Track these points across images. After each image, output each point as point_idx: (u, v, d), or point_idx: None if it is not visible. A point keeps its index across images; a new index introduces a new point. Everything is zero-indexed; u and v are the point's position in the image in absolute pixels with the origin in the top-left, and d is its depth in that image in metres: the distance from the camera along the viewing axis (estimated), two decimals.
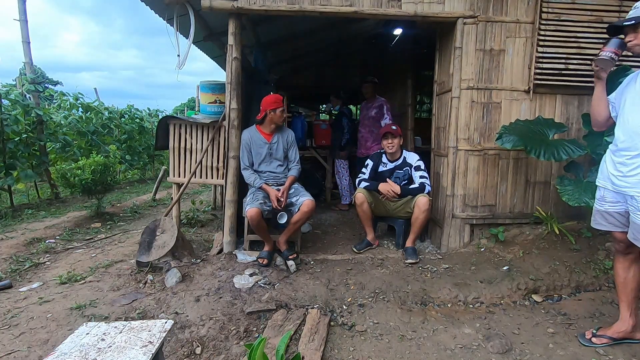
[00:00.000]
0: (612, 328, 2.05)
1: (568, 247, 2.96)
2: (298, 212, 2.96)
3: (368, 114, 4.62)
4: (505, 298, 2.58)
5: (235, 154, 3.18)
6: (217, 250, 3.23)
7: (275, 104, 3.12)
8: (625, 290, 2.00)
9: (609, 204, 1.97)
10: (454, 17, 3.08)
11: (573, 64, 3.09)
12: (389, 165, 3.41)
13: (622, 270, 2.02)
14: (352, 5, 3.03)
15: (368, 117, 4.59)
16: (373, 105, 4.57)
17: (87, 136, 6.99)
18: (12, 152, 4.93)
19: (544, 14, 3.04)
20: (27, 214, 4.80)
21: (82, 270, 2.97)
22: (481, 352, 2.02)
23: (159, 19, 3.64)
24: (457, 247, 3.28)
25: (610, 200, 1.96)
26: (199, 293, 2.51)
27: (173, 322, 1.64)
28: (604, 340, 2.04)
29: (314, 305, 2.44)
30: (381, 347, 2.05)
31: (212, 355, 1.98)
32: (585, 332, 2.13)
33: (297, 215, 2.97)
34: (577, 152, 2.71)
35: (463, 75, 3.13)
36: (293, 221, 3.01)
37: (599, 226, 2.06)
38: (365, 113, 4.65)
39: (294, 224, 3.01)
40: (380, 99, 4.59)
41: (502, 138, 2.89)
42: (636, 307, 2.02)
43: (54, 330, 2.13)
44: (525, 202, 3.29)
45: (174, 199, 3.50)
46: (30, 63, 5.37)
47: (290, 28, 4.73)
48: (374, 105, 4.57)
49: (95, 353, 1.35)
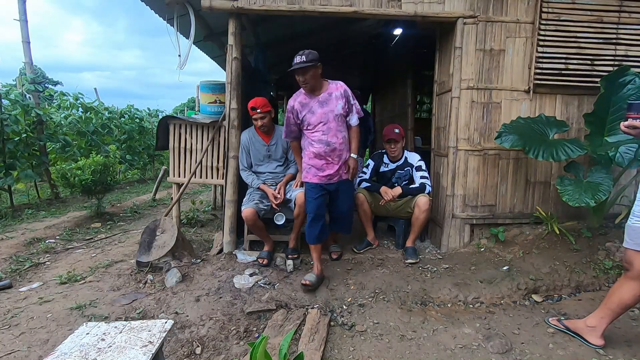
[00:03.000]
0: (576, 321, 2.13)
1: (568, 247, 2.96)
2: (295, 207, 2.95)
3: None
4: (505, 298, 2.58)
5: (235, 154, 3.18)
6: (217, 250, 3.23)
7: (251, 110, 3.00)
8: (611, 297, 1.96)
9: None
10: (454, 17, 3.08)
11: (573, 64, 3.09)
12: (390, 166, 3.41)
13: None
14: (352, 5, 3.03)
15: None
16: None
17: (87, 136, 7.00)
18: (12, 152, 4.93)
19: (544, 14, 3.04)
20: (27, 214, 4.80)
21: (82, 270, 2.97)
22: (481, 352, 2.02)
23: (161, 19, 3.64)
24: (457, 247, 3.28)
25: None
26: (199, 293, 2.51)
27: (173, 322, 1.64)
28: (560, 325, 2.18)
29: (314, 305, 2.44)
30: (381, 347, 2.05)
31: (212, 355, 1.98)
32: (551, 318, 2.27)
33: (295, 210, 2.95)
34: (576, 152, 2.71)
35: (463, 75, 3.13)
36: (294, 217, 3.00)
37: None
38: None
39: (295, 218, 3.00)
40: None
41: (501, 137, 2.89)
42: (608, 317, 1.98)
43: (54, 330, 2.13)
44: (525, 202, 3.29)
45: (174, 199, 3.50)
46: (30, 63, 5.37)
47: (290, 28, 4.73)
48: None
49: (95, 353, 1.35)
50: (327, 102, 2.67)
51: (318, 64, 2.57)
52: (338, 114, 2.67)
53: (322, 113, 2.66)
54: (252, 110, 2.99)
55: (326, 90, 2.70)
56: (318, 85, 2.67)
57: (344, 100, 2.69)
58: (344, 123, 2.76)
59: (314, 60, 2.53)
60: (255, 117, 3.01)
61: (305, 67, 2.53)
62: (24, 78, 5.38)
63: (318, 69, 2.60)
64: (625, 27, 3.07)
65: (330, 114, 2.66)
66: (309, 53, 2.53)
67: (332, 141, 2.67)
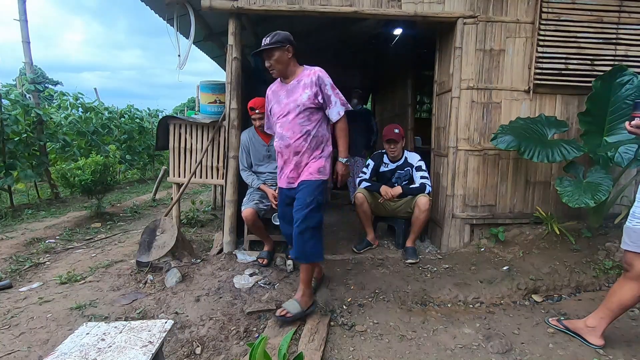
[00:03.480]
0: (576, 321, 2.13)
1: (568, 247, 2.96)
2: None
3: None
4: (505, 298, 2.58)
5: (235, 154, 3.18)
6: (217, 250, 3.23)
7: (250, 110, 2.99)
8: (611, 297, 1.96)
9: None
10: (454, 17, 3.08)
11: (573, 64, 3.09)
12: (390, 166, 3.41)
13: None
14: (352, 5, 3.03)
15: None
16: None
17: (87, 136, 6.99)
18: (12, 152, 4.93)
19: (544, 14, 3.04)
20: (27, 214, 4.80)
21: (82, 270, 2.97)
22: (481, 352, 2.02)
23: (161, 19, 3.64)
24: (457, 247, 3.28)
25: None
26: (199, 293, 2.51)
27: (173, 322, 1.64)
28: (560, 325, 2.18)
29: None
30: (381, 347, 2.05)
31: (212, 355, 1.98)
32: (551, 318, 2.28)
33: None
34: (572, 153, 2.71)
35: (463, 75, 3.13)
36: None
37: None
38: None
39: None
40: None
41: (497, 138, 2.90)
42: (608, 317, 1.98)
43: (54, 330, 2.13)
44: (525, 202, 3.29)
45: (174, 199, 3.50)
46: (30, 63, 5.37)
47: (290, 28, 4.71)
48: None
49: (95, 353, 1.35)
50: (293, 91, 2.30)
51: (286, 46, 2.24)
52: (300, 104, 2.25)
53: (286, 103, 2.31)
54: (252, 110, 2.98)
55: (297, 77, 2.33)
56: (289, 71, 2.32)
57: (315, 90, 2.25)
58: (315, 117, 2.29)
59: (280, 42, 2.21)
60: (255, 117, 3.00)
61: (269, 49, 2.23)
62: (24, 78, 5.38)
63: (286, 52, 2.26)
64: (625, 27, 3.07)
65: (292, 104, 2.28)
66: (275, 34, 2.24)
67: (287, 135, 2.29)
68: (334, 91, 2.30)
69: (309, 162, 2.30)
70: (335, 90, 2.31)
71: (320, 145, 2.33)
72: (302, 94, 2.26)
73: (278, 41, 2.22)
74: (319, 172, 2.28)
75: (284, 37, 2.24)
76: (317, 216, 2.21)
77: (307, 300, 2.26)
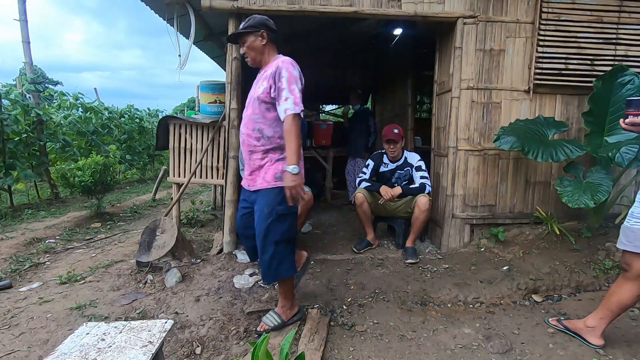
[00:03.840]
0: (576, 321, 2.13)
1: (568, 247, 2.96)
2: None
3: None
4: (505, 298, 2.58)
5: (235, 154, 3.18)
6: (217, 250, 3.23)
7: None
8: (610, 297, 1.96)
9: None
10: (454, 17, 3.08)
11: (573, 64, 3.09)
12: (390, 166, 3.42)
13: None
14: (352, 5, 3.03)
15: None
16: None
17: (86, 136, 7.00)
18: (12, 152, 4.93)
19: (544, 14, 3.04)
20: (27, 214, 4.80)
21: (82, 270, 2.97)
22: (481, 352, 2.02)
23: (161, 19, 3.64)
24: (457, 247, 3.28)
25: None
26: (199, 293, 2.52)
27: (173, 322, 1.64)
28: (559, 325, 2.18)
29: (314, 305, 2.44)
30: (381, 347, 2.05)
31: (212, 355, 1.98)
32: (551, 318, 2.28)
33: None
34: (575, 152, 2.71)
35: (463, 75, 3.13)
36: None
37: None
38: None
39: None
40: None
41: (500, 140, 2.89)
42: (607, 317, 1.98)
43: (54, 330, 2.13)
44: (525, 202, 3.29)
45: (174, 199, 3.50)
46: (30, 63, 5.38)
47: (290, 28, 4.73)
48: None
49: (95, 353, 1.35)
50: (257, 82, 2.08)
51: (260, 31, 2.00)
52: (256, 97, 2.00)
53: (250, 95, 2.10)
54: None
55: (267, 66, 2.06)
56: (264, 59, 2.07)
57: (271, 82, 1.95)
58: (271, 114, 1.99)
59: (253, 27, 1.99)
60: None
61: (242, 34, 2.02)
62: (24, 78, 5.38)
63: (259, 38, 2.01)
64: (625, 27, 3.07)
65: (252, 97, 2.06)
66: (250, 18, 2.03)
67: (242, 131, 2.08)
68: (289, 86, 1.91)
69: (263, 164, 2.01)
70: (293, 85, 1.91)
71: (278, 147, 2.01)
72: (260, 86, 2.00)
73: (251, 25, 2.00)
74: (275, 178, 1.97)
75: (259, 21, 2.02)
76: (280, 227, 1.96)
77: (287, 313, 2.16)
